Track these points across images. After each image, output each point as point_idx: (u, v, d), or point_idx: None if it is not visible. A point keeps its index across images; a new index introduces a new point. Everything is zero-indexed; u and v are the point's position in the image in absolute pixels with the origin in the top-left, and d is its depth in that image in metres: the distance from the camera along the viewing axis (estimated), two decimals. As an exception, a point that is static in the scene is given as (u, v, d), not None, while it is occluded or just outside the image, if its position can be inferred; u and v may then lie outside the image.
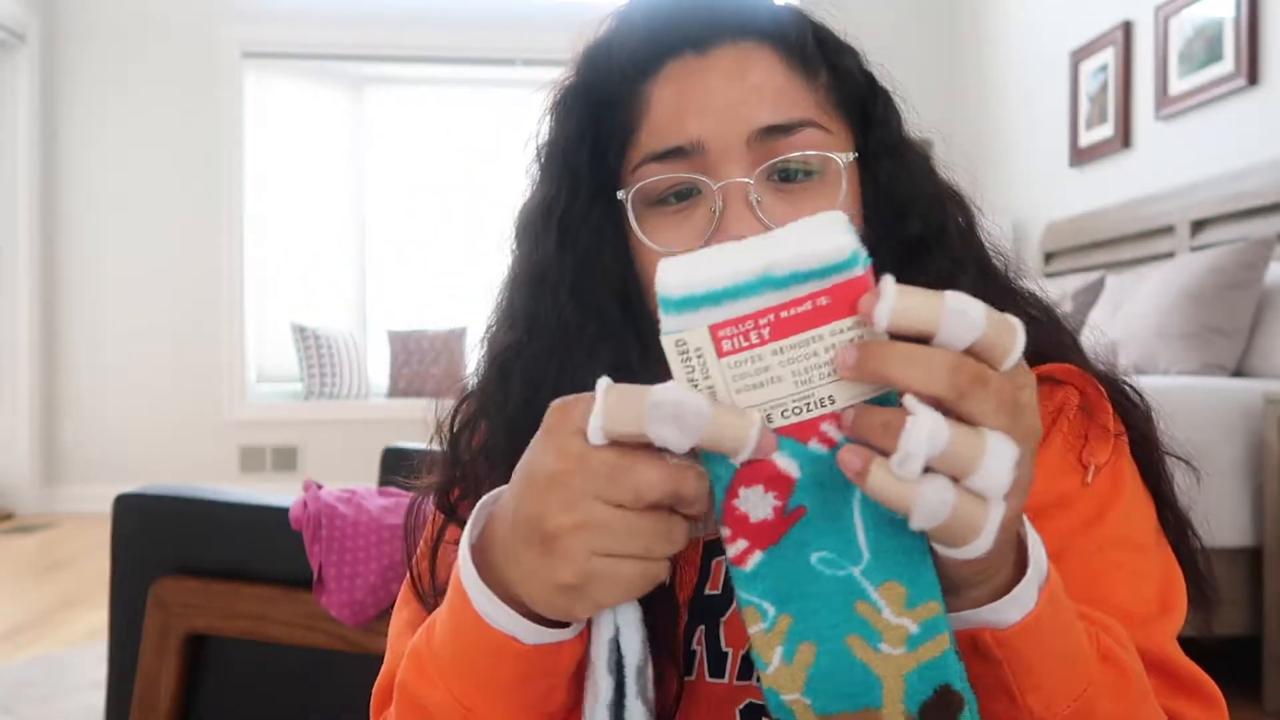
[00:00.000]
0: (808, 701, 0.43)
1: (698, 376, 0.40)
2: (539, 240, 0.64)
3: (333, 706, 1.15)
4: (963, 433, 0.36)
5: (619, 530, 0.40)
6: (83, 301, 4.83)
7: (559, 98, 0.66)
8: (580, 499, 0.40)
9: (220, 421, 4.89)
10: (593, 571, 0.41)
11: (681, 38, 0.61)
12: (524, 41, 4.94)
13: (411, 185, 5.33)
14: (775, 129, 0.59)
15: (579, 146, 0.63)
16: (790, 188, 0.60)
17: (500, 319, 0.66)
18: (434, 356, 5.04)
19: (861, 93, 0.64)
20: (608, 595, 0.42)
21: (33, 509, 4.71)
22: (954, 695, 0.42)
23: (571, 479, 0.40)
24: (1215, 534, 2.01)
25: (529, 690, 0.48)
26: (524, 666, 0.47)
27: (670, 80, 0.61)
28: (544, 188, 0.65)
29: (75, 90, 4.80)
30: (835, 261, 0.38)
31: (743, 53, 0.60)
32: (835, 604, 0.42)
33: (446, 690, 0.50)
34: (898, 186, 0.63)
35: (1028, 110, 4.32)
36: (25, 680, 2.33)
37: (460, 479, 0.64)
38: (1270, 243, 2.55)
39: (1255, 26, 2.96)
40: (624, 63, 0.62)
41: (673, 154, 0.59)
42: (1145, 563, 0.58)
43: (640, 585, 0.42)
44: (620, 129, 0.62)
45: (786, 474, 0.41)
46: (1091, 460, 0.58)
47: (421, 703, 0.52)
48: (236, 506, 1.29)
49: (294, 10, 4.92)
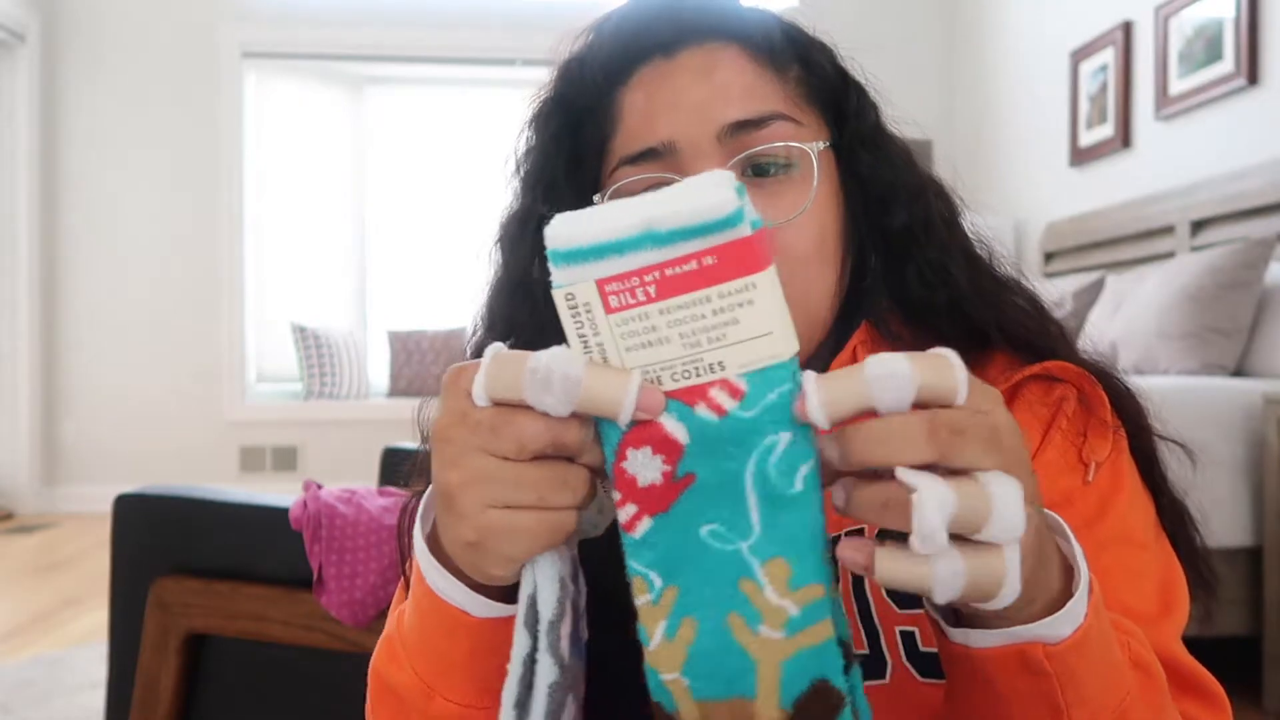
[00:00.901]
0: (686, 682, 0.42)
1: (587, 332, 0.40)
2: (516, 248, 0.66)
3: (333, 706, 1.15)
4: (965, 488, 0.36)
5: (507, 481, 0.41)
6: (83, 302, 4.83)
7: (536, 111, 0.68)
8: (466, 454, 0.41)
9: (220, 421, 4.89)
10: (489, 525, 0.41)
11: (651, 43, 0.62)
12: (524, 41, 4.94)
13: (411, 185, 5.33)
14: (745, 124, 0.60)
15: (555, 157, 0.65)
16: (765, 182, 0.60)
17: (482, 323, 0.68)
18: (434, 356, 5.04)
19: (834, 86, 0.65)
20: (511, 547, 0.42)
21: (33, 509, 4.71)
22: (832, 692, 0.41)
23: (457, 435, 0.41)
24: (1215, 534, 2.01)
25: (482, 665, 0.49)
26: (474, 640, 0.49)
27: (640, 86, 0.62)
28: (523, 198, 0.67)
29: (75, 90, 4.80)
30: (716, 218, 0.37)
31: (709, 53, 0.61)
32: (720, 579, 0.41)
33: (412, 670, 0.52)
34: (878, 178, 0.64)
35: (1028, 110, 4.32)
36: (25, 680, 2.33)
37: None
38: (1270, 243, 2.55)
39: (1255, 26, 2.96)
40: (597, 73, 0.63)
41: (645, 155, 0.60)
42: (1146, 560, 0.58)
43: (545, 536, 0.42)
44: (596, 138, 0.63)
45: (674, 438, 0.40)
46: (1092, 457, 0.58)
47: (391, 685, 0.54)
48: (236, 506, 1.28)
49: (294, 10, 4.92)
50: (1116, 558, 0.56)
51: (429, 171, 5.32)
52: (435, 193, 5.29)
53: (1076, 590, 0.42)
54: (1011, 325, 0.63)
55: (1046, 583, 0.42)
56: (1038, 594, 0.41)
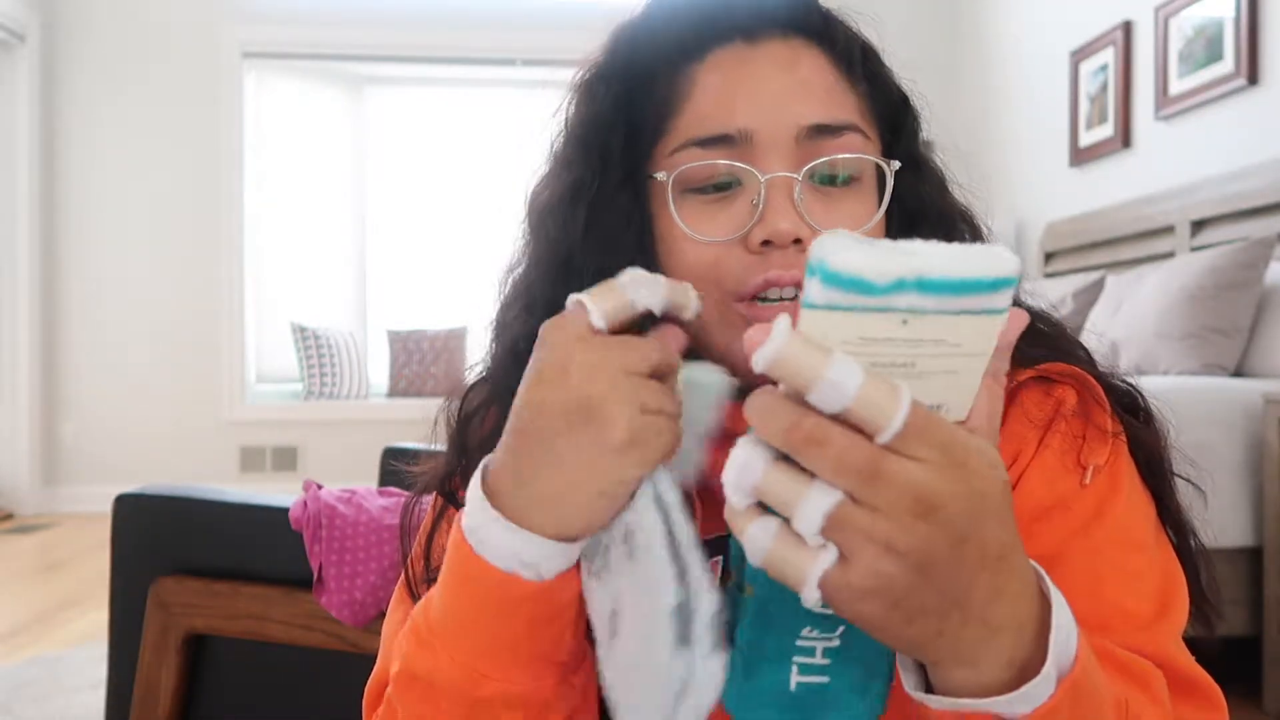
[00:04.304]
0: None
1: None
2: (566, 225, 0.62)
3: (333, 706, 1.15)
4: (785, 474, 0.38)
5: (650, 389, 0.47)
6: (83, 301, 4.83)
7: (589, 77, 0.64)
8: (603, 369, 0.46)
9: (220, 421, 4.89)
10: (641, 426, 0.46)
11: (731, 25, 0.60)
12: (524, 41, 4.94)
13: (411, 185, 5.33)
14: (823, 128, 0.58)
15: (613, 127, 0.61)
16: (830, 190, 0.59)
17: (516, 307, 0.64)
18: (434, 356, 5.04)
19: (895, 106, 0.64)
20: (656, 448, 0.47)
21: (33, 509, 4.70)
22: None
23: (595, 354, 0.46)
24: (1215, 534, 2.00)
25: (539, 638, 0.50)
26: (534, 609, 0.49)
27: (718, 66, 0.60)
28: (572, 170, 0.63)
29: (75, 90, 4.80)
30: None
31: (793, 49, 0.60)
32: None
33: (452, 660, 0.51)
34: (911, 200, 0.63)
35: (1028, 110, 4.32)
36: (25, 680, 2.33)
37: (464, 466, 0.64)
38: (1270, 243, 2.55)
39: (1255, 26, 2.96)
40: (668, 43, 0.61)
41: (718, 141, 0.58)
42: (1145, 562, 0.57)
43: (671, 442, 0.47)
44: (657, 111, 0.61)
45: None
46: (1090, 460, 0.58)
47: (427, 679, 0.52)
48: (236, 506, 1.28)
49: (294, 10, 4.92)
50: (1114, 560, 0.56)
51: (429, 171, 5.32)
52: (435, 193, 5.29)
53: (1042, 670, 0.41)
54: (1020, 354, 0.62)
55: (972, 650, 0.40)
56: (947, 656, 0.40)
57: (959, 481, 0.37)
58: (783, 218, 0.57)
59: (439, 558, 0.62)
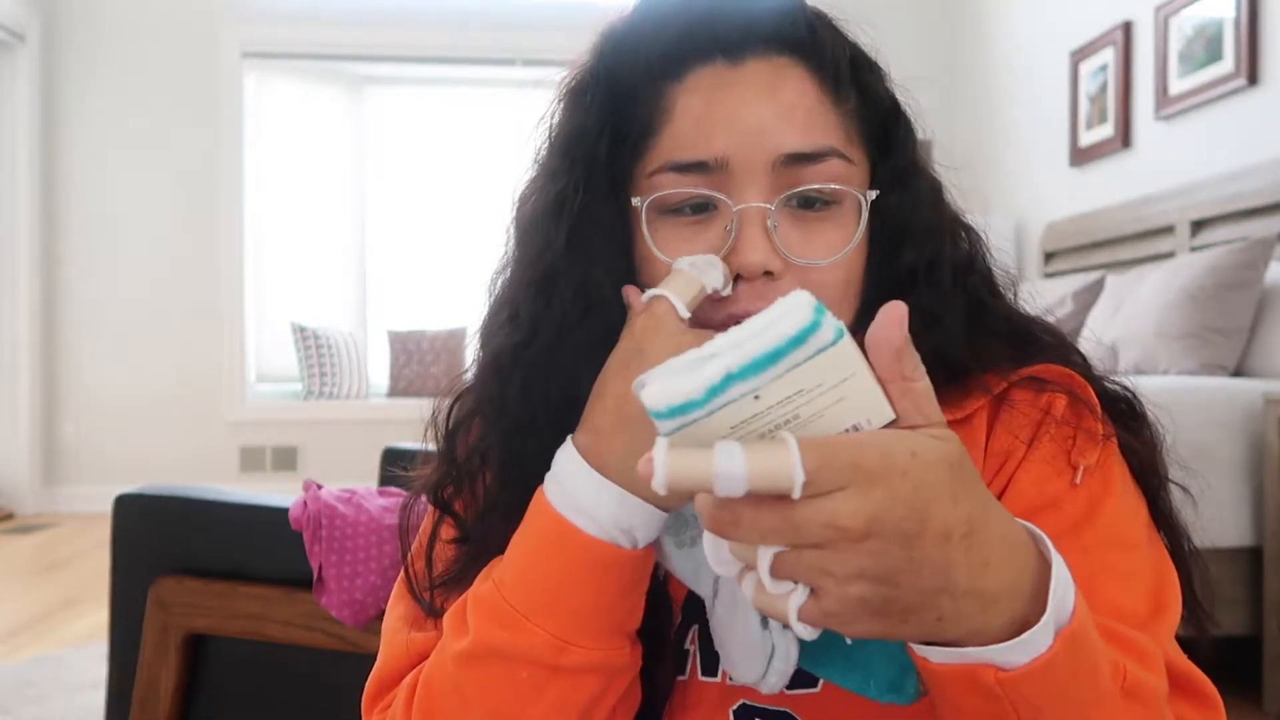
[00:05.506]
0: None
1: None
2: (550, 239, 0.61)
3: (333, 706, 1.15)
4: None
5: None
6: (83, 301, 4.83)
7: (577, 84, 0.64)
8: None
9: (220, 421, 4.89)
10: None
11: (713, 42, 0.59)
12: (524, 41, 4.94)
13: (411, 185, 5.33)
14: (801, 156, 0.58)
15: (598, 139, 0.61)
16: (807, 215, 0.59)
17: (500, 317, 0.63)
18: (434, 356, 5.04)
19: (885, 116, 0.63)
20: None
21: (33, 509, 4.70)
22: None
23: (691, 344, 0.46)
24: (1215, 534, 2.01)
25: (621, 606, 0.55)
26: (628, 575, 0.54)
27: (699, 88, 0.59)
28: (556, 181, 0.62)
29: (75, 90, 4.80)
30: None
31: (776, 69, 0.59)
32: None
33: (538, 629, 0.54)
34: (898, 215, 0.62)
35: (1028, 110, 4.32)
36: (25, 680, 2.33)
37: (454, 477, 0.64)
38: (1270, 243, 2.55)
39: (1255, 26, 2.96)
40: (650, 58, 0.60)
41: (694, 167, 0.58)
42: (1137, 561, 0.57)
43: None
44: (639, 127, 0.60)
45: None
46: (1080, 460, 0.58)
47: (506, 654, 0.54)
48: (236, 506, 1.28)
49: (294, 10, 4.92)
50: (1106, 560, 0.56)
51: (429, 171, 5.31)
52: (435, 193, 5.29)
53: (1040, 621, 0.42)
54: (1005, 368, 0.61)
55: (974, 621, 0.42)
56: (956, 636, 0.42)
57: (882, 488, 0.38)
58: (753, 250, 0.57)
59: (441, 565, 0.62)
